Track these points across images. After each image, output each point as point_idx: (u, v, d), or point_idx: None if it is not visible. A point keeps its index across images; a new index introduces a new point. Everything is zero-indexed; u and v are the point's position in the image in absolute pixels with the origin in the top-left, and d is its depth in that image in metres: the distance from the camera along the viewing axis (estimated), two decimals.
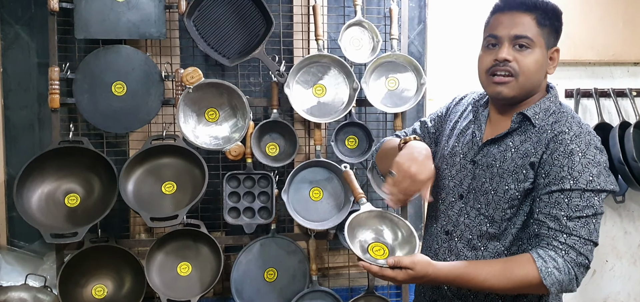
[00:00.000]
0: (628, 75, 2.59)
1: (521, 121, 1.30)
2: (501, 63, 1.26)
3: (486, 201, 1.31)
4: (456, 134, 1.43)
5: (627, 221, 2.68)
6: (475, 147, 1.36)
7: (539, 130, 1.27)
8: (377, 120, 2.33)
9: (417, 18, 2.40)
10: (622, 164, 2.33)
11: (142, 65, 2.02)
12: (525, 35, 1.25)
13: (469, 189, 1.35)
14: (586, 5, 2.48)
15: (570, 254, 1.18)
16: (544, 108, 1.29)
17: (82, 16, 1.95)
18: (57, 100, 1.95)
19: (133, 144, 2.16)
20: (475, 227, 1.33)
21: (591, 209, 1.19)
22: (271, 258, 2.18)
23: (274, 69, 2.08)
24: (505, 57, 1.25)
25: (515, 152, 1.28)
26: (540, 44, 1.27)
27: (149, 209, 1.99)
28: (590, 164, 1.20)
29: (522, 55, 1.25)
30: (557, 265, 1.17)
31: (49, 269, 2.08)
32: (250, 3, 2.07)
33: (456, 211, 1.37)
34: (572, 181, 1.19)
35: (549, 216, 1.21)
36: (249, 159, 2.12)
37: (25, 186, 1.95)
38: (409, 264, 1.19)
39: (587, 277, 2.64)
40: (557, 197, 1.20)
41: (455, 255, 1.37)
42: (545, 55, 1.28)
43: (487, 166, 1.32)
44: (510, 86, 1.27)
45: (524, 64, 1.25)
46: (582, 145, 1.21)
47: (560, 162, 1.21)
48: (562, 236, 1.19)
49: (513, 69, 1.26)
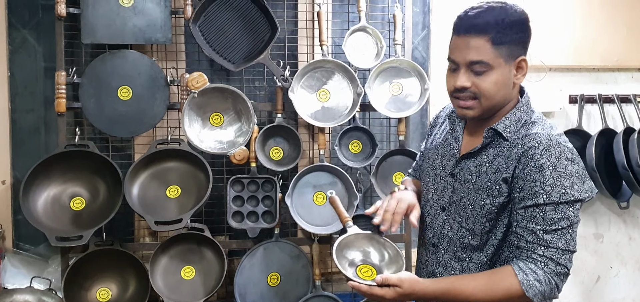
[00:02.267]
0: (632, 80, 2.59)
1: (493, 135, 1.30)
2: (461, 89, 1.26)
3: (466, 215, 1.33)
4: (436, 146, 1.46)
5: (631, 227, 2.67)
6: (453, 160, 1.38)
7: (510, 144, 1.27)
8: (381, 125, 2.33)
9: (421, 24, 2.40)
10: (626, 170, 2.33)
11: (148, 70, 2.04)
12: (479, 61, 1.22)
13: (450, 202, 1.37)
14: (590, 11, 2.48)
15: (549, 265, 1.21)
16: (514, 120, 1.29)
17: (89, 21, 1.97)
18: (63, 104, 1.97)
19: (138, 148, 2.17)
20: (459, 239, 1.36)
21: (567, 221, 1.21)
22: (275, 262, 2.19)
23: (278, 74, 2.09)
24: (463, 84, 1.25)
25: (489, 167, 1.29)
26: (499, 64, 1.23)
27: (153, 213, 2.00)
28: (562, 176, 1.20)
29: (480, 80, 1.24)
30: (537, 277, 1.20)
31: (54, 272, 2.09)
32: (256, 9, 2.08)
33: (440, 223, 1.40)
34: (545, 196, 1.20)
35: (526, 230, 1.23)
36: (253, 163, 2.13)
37: (31, 189, 1.96)
38: (396, 282, 1.23)
39: (591, 284, 2.64)
40: (533, 212, 1.22)
41: (443, 266, 1.39)
42: (508, 72, 1.25)
43: (464, 180, 1.33)
44: (475, 109, 1.28)
45: (484, 88, 1.24)
46: (552, 159, 1.21)
47: (532, 177, 1.21)
48: (540, 249, 1.21)
49: (474, 93, 1.25)
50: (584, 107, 2.52)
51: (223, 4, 2.07)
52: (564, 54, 2.47)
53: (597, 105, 2.52)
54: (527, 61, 1.27)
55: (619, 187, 2.49)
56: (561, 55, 2.46)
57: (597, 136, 2.41)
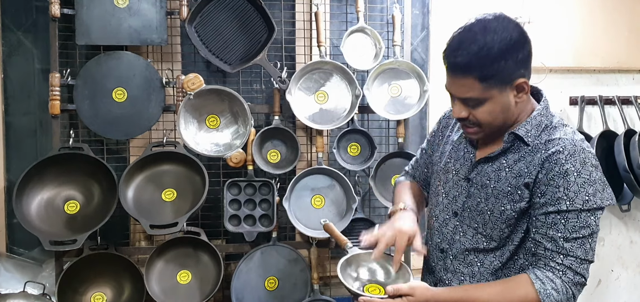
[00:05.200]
0: (633, 82, 2.57)
1: (513, 140, 1.28)
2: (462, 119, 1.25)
3: (483, 221, 1.30)
4: (449, 149, 1.42)
5: (632, 230, 2.65)
6: (468, 164, 1.34)
7: (532, 149, 1.25)
8: (379, 127, 2.31)
9: (420, 25, 2.38)
10: (628, 172, 2.31)
11: (143, 72, 2.01)
12: (470, 98, 1.20)
13: (464, 207, 1.34)
14: (591, 12, 2.46)
15: (567, 274, 1.19)
16: (535, 124, 1.26)
17: (83, 22, 1.95)
18: (57, 106, 1.95)
19: (133, 151, 2.15)
20: (472, 245, 1.32)
21: (588, 229, 1.19)
22: (272, 266, 2.16)
23: (275, 76, 2.07)
24: (460, 115, 1.24)
25: (509, 172, 1.26)
26: (491, 95, 1.19)
27: (148, 217, 1.98)
28: (586, 183, 1.18)
29: (476, 111, 1.22)
30: (555, 286, 1.18)
31: (48, 277, 2.07)
32: (252, 9, 2.07)
33: (451, 229, 1.36)
34: (568, 202, 1.18)
35: (546, 237, 1.20)
36: (250, 166, 2.11)
37: (24, 193, 1.94)
38: (408, 291, 1.21)
39: (592, 288, 2.62)
40: (554, 218, 1.19)
41: (452, 272, 1.36)
42: (505, 98, 1.21)
43: (481, 185, 1.30)
44: (479, 134, 1.27)
45: (481, 117, 1.23)
46: (577, 165, 1.19)
47: (556, 182, 1.19)
48: (559, 257, 1.19)
49: (474, 121, 1.24)
50: (585, 109, 2.51)
51: (219, 5, 2.06)
52: (564, 56, 2.45)
53: (597, 107, 2.50)
54: (528, 82, 1.22)
55: (620, 190, 2.47)
56: (561, 57, 2.45)
57: (598, 138, 2.39)
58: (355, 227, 2.16)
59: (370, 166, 2.20)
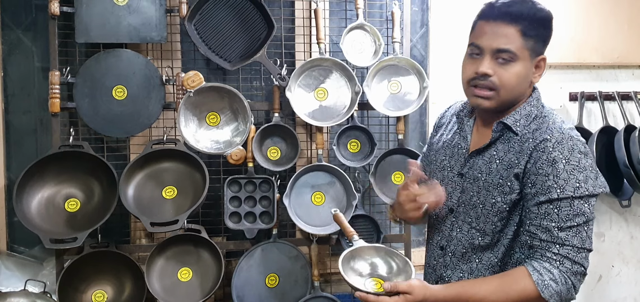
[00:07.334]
0: (633, 78, 2.57)
1: (502, 130, 1.28)
2: (482, 77, 1.23)
3: (476, 215, 1.30)
4: (443, 147, 1.43)
5: (633, 225, 2.65)
6: (461, 159, 1.35)
7: (521, 139, 1.25)
8: (379, 124, 2.31)
9: (420, 21, 2.38)
10: (628, 167, 2.31)
11: (143, 69, 2.01)
12: (507, 49, 1.21)
13: (459, 203, 1.34)
14: (591, 7, 2.46)
15: (565, 264, 1.18)
16: (524, 114, 1.27)
17: (83, 20, 1.95)
18: (57, 104, 1.94)
19: (133, 149, 2.15)
20: (468, 241, 1.33)
21: (582, 217, 1.18)
22: (273, 263, 2.16)
23: (275, 73, 2.07)
24: (486, 71, 1.22)
25: (500, 164, 1.26)
26: (524, 57, 1.22)
27: (149, 214, 1.98)
28: (576, 170, 1.18)
29: (504, 69, 1.22)
30: (553, 276, 1.17)
31: (48, 275, 2.07)
32: (252, 7, 2.06)
33: (448, 226, 1.37)
34: (559, 190, 1.17)
35: (541, 228, 1.20)
36: (250, 163, 2.11)
37: (25, 191, 1.93)
38: (406, 289, 1.20)
39: (592, 283, 2.62)
40: (547, 208, 1.19)
41: (451, 269, 1.37)
42: (530, 67, 1.24)
43: (474, 179, 1.31)
44: (491, 100, 1.25)
45: (506, 79, 1.22)
46: (565, 152, 1.19)
47: (545, 171, 1.19)
48: (555, 246, 1.18)
49: (494, 83, 1.23)
50: (585, 104, 2.51)
51: (219, 2, 2.05)
52: (564, 51, 2.45)
53: (597, 103, 2.50)
54: (546, 60, 1.27)
55: (621, 185, 2.48)
56: (561, 53, 2.44)
57: (598, 134, 2.39)
58: (355, 223, 2.16)
59: (370, 163, 2.20)
